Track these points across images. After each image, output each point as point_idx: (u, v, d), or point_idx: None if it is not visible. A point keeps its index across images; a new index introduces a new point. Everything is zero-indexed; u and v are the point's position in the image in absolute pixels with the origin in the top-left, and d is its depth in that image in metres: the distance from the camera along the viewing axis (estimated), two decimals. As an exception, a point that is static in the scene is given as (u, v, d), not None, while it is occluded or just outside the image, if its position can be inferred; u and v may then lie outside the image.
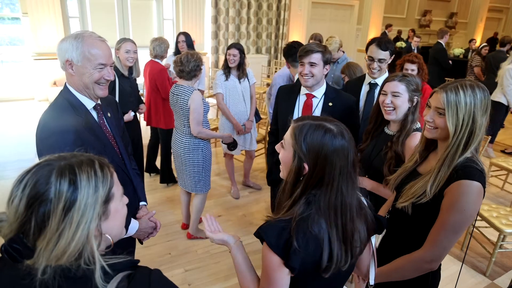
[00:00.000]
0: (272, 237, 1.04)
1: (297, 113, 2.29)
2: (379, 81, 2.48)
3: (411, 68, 2.87)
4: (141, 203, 1.87)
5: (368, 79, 2.54)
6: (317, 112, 2.26)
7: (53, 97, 6.33)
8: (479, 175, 1.29)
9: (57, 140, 1.41)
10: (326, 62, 2.15)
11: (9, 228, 0.78)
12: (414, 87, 1.83)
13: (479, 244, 3.19)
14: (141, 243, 1.87)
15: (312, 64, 2.12)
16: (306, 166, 1.06)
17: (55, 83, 7.30)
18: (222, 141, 3.32)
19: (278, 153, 2.42)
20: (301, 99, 2.29)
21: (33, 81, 7.41)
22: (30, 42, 7.24)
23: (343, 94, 2.36)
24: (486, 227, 3.17)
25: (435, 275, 1.48)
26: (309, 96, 2.26)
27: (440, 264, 1.48)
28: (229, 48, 3.57)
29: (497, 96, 5.39)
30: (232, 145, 3.24)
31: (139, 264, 0.88)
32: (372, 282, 1.32)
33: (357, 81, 2.65)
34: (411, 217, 1.42)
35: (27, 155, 4.87)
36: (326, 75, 2.26)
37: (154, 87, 3.73)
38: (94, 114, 1.60)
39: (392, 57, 2.45)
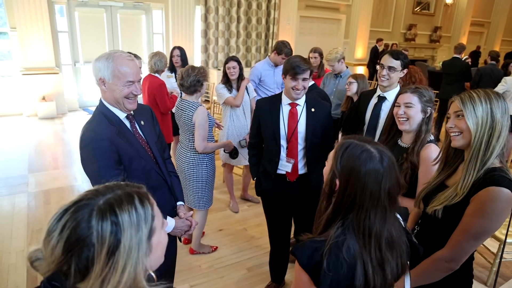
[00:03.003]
0: (304, 257, 1.06)
1: (283, 122, 2.36)
2: (388, 95, 2.52)
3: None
4: (179, 203, 2.02)
5: (378, 92, 2.60)
6: (302, 119, 2.34)
7: (42, 112, 6.30)
8: (508, 183, 1.28)
9: (93, 147, 1.61)
10: (310, 74, 2.31)
11: (47, 268, 0.76)
12: (426, 98, 1.88)
13: (479, 254, 3.23)
14: (180, 240, 2.09)
15: (305, 79, 2.25)
16: (337, 182, 1.08)
17: (44, 98, 7.19)
18: (224, 150, 3.30)
19: (258, 163, 2.48)
20: (285, 109, 2.36)
21: (21, 96, 7.29)
22: (19, 57, 7.15)
23: (319, 99, 2.52)
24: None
25: (464, 280, 1.49)
26: (293, 105, 2.35)
27: (472, 270, 1.51)
28: (226, 62, 3.59)
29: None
30: (234, 153, 3.24)
31: None
32: None
33: (370, 93, 2.70)
34: (441, 222, 1.43)
35: (18, 172, 4.76)
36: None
37: (153, 101, 3.71)
38: (127, 123, 1.76)
39: (405, 71, 2.49)
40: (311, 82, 3.21)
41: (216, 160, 4.98)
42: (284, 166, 2.41)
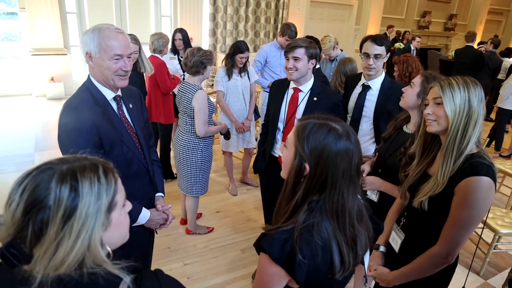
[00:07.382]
0: (275, 250, 0.99)
1: (285, 105, 2.37)
2: (372, 83, 2.43)
3: (395, 69, 2.75)
4: (158, 194, 1.92)
5: (362, 80, 2.49)
6: (301, 106, 2.32)
7: (50, 93, 6.32)
8: (487, 169, 1.30)
9: (73, 127, 1.51)
10: (310, 56, 2.20)
11: (6, 232, 0.75)
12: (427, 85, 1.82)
13: (474, 244, 3.22)
14: (155, 232, 1.97)
15: (296, 59, 2.19)
16: (307, 166, 1.02)
17: (52, 79, 7.26)
18: (220, 133, 3.33)
19: (264, 143, 2.48)
20: (289, 92, 2.37)
21: (30, 76, 7.37)
22: (28, 37, 7.21)
23: (330, 90, 2.45)
24: (480, 227, 3.19)
25: (447, 273, 1.50)
26: (296, 90, 2.34)
27: (456, 260, 1.50)
28: (241, 51, 3.53)
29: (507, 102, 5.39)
30: (227, 133, 3.28)
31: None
32: None
33: (355, 79, 2.60)
34: (428, 214, 1.43)
35: (25, 150, 4.87)
36: (313, 70, 2.31)
37: (154, 81, 3.73)
38: (114, 104, 1.66)
39: (388, 55, 2.38)
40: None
41: (216, 144, 5.04)
42: (279, 150, 2.42)
